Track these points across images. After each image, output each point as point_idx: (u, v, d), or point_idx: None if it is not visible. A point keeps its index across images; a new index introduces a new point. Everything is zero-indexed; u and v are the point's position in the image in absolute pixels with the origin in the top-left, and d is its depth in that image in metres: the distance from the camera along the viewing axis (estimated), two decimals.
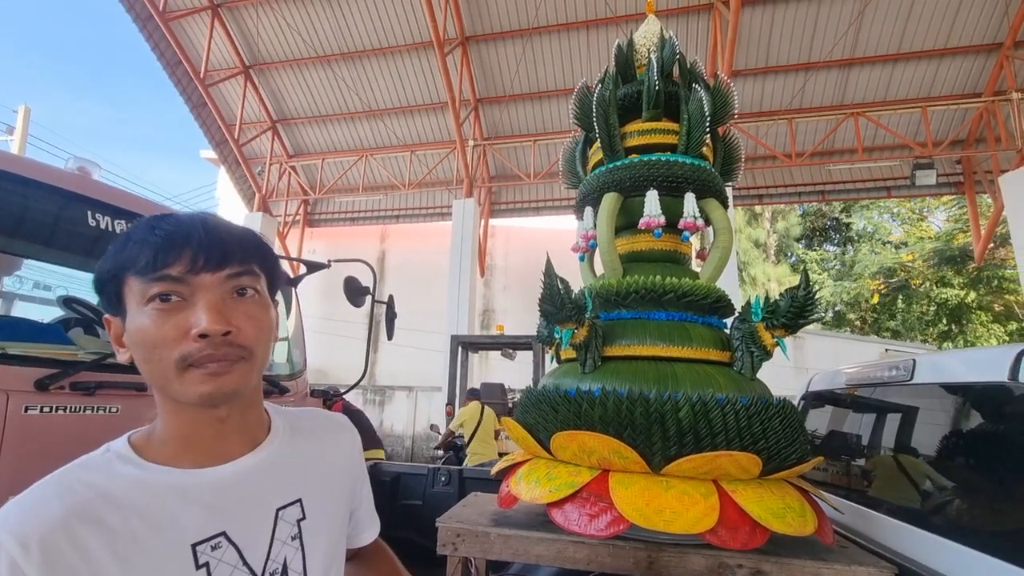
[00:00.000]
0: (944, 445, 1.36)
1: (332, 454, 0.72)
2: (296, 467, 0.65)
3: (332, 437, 0.73)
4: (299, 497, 0.63)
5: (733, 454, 1.23)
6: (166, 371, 0.55)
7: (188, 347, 0.55)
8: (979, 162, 10.72)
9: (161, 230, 0.57)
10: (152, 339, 0.55)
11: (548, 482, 1.36)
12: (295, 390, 3.41)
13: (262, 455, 0.62)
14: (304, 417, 0.73)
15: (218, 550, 0.54)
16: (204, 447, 0.59)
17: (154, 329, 0.55)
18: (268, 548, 0.58)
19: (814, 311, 1.38)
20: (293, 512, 0.62)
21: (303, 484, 0.65)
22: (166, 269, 0.56)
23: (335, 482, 0.71)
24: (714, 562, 1.33)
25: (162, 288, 0.56)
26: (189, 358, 0.55)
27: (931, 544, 1.29)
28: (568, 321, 1.42)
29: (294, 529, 0.61)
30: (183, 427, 0.59)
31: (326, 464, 0.70)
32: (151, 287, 0.56)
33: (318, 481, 0.67)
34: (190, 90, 11.61)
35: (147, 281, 0.56)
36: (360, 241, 13.87)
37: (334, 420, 0.77)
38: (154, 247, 0.56)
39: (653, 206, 1.60)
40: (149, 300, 0.55)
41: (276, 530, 0.60)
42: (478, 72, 10.90)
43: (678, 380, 1.38)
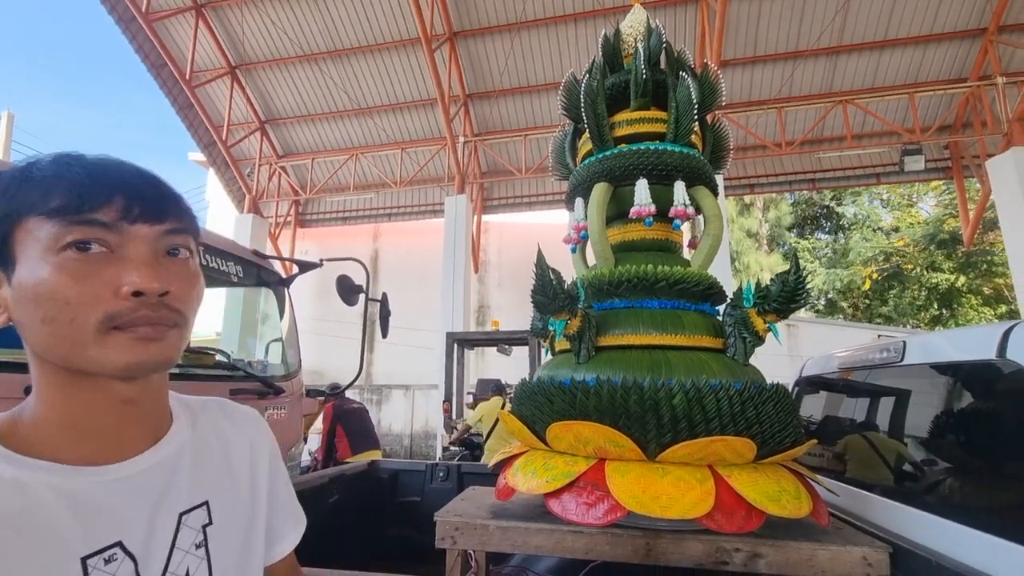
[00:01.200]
0: (935, 424, 1.37)
1: (242, 450, 0.63)
2: (202, 465, 0.57)
3: (242, 431, 0.64)
4: (205, 499, 0.55)
5: (727, 439, 1.24)
6: (79, 334, 0.45)
7: (117, 305, 0.46)
8: (966, 147, 10.81)
9: (81, 167, 0.48)
10: (64, 294, 0.44)
11: (545, 472, 1.37)
12: (290, 391, 3.40)
13: (165, 451, 0.53)
14: (209, 408, 0.63)
15: (112, 563, 0.46)
16: (99, 438, 0.49)
17: (69, 282, 0.45)
18: (167, 558, 0.50)
19: (805, 296, 1.38)
20: (198, 516, 0.54)
21: (210, 485, 0.57)
22: (92, 212, 0.46)
23: (246, 482, 0.62)
24: (711, 547, 1.34)
25: (84, 234, 0.46)
26: (117, 318, 0.46)
27: (924, 522, 1.30)
28: (561, 312, 1.42)
29: (199, 536, 0.53)
30: (75, 412, 0.48)
31: (234, 461, 0.61)
32: (68, 232, 0.45)
33: (227, 481, 0.59)
34: (176, 92, 11.49)
35: (62, 224, 0.45)
36: (352, 240, 13.81)
37: (243, 412, 0.67)
38: (75, 185, 0.46)
39: (643, 195, 1.60)
40: (63, 248, 0.45)
41: (177, 537, 0.51)
42: (467, 67, 10.85)
43: (671, 367, 1.38)
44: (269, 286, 3.71)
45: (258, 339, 3.88)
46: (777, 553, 1.32)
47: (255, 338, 3.93)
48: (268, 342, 3.72)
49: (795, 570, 1.32)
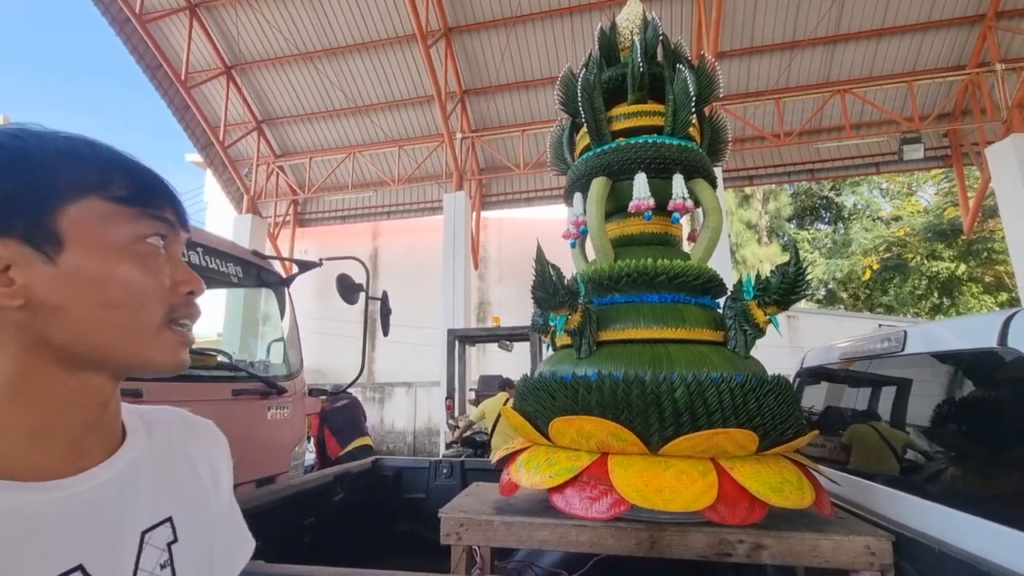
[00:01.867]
0: (937, 413, 1.37)
1: (202, 464, 0.59)
2: (162, 479, 0.53)
3: (201, 444, 0.60)
4: (169, 515, 0.51)
5: (730, 431, 1.24)
6: (145, 324, 0.45)
7: (176, 300, 0.48)
8: (965, 134, 10.77)
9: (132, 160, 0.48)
10: (139, 283, 0.45)
11: (548, 468, 1.37)
12: (293, 390, 3.41)
13: (121, 462, 0.49)
14: (164, 419, 0.59)
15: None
16: (62, 446, 0.45)
17: (144, 272, 0.45)
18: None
19: (805, 287, 1.38)
20: (162, 534, 0.50)
21: (173, 500, 0.53)
22: (163, 210, 0.48)
23: (207, 496, 0.58)
24: (715, 539, 1.34)
25: (157, 229, 0.47)
26: (174, 312, 0.47)
27: (927, 511, 1.31)
28: (561, 307, 1.42)
29: (163, 555, 0.49)
30: (43, 414, 0.44)
31: (195, 475, 0.57)
32: (144, 224, 0.46)
33: (190, 496, 0.55)
34: (172, 93, 11.45)
35: (137, 214, 0.46)
36: (352, 239, 13.80)
37: (199, 423, 0.63)
38: (141, 176, 0.47)
39: (642, 189, 1.60)
40: (136, 239, 0.46)
41: (141, 558, 0.47)
42: (463, 63, 10.81)
43: (673, 361, 1.38)
44: (269, 286, 3.71)
45: (259, 339, 3.88)
46: (780, 544, 1.33)
47: (256, 338, 3.94)
48: (269, 342, 3.72)
49: (798, 560, 1.33)
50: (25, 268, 0.42)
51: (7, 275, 0.42)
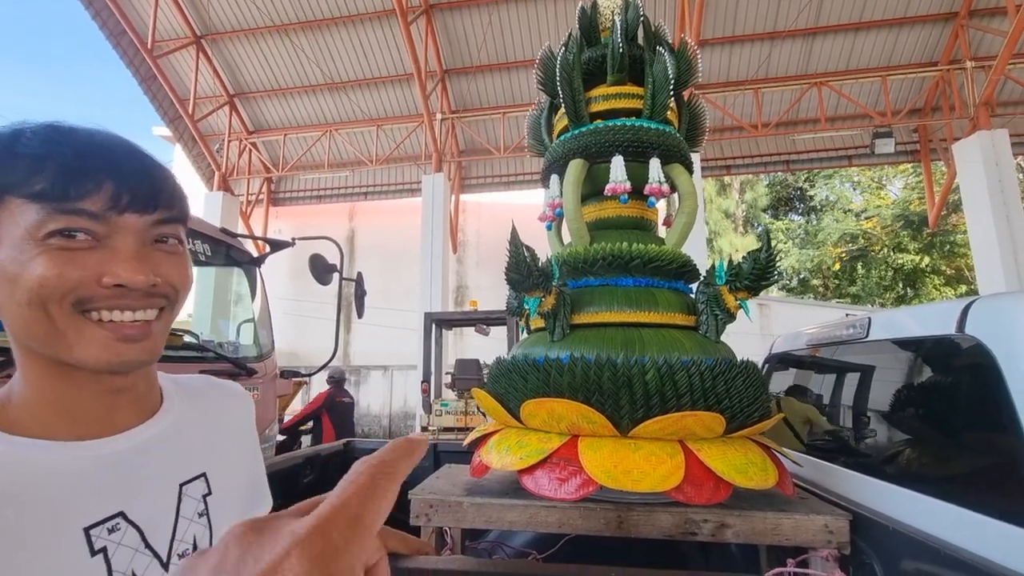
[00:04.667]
0: (897, 398, 1.42)
1: (230, 423, 0.65)
2: (196, 438, 0.58)
3: (228, 405, 0.66)
4: (203, 471, 0.57)
5: (698, 414, 1.26)
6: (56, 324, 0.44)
7: (93, 292, 0.45)
8: (934, 130, 11.08)
9: (69, 146, 0.45)
10: (44, 281, 0.43)
11: (519, 450, 1.37)
12: (263, 372, 3.34)
13: (159, 426, 0.54)
14: (195, 384, 0.65)
15: (116, 532, 0.46)
16: (91, 418, 0.49)
17: (50, 269, 0.43)
18: (173, 527, 0.51)
19: (775, 273, 1.40)
20: (198, 487, 0.56)
21: (205, 457, 0.58)
22: (79, 201, 0.44)
23: (237, 453, 0.64)
24: (681, 518, 1.37)
25: (68, 223, 0.44)
26: (88, 302, 0.45)
27: (883, 491, 1.35)
28: (535, 289, 1.41)
29: (200, 505, 0.55)
30: (65, 398, 0.48)
31: (226, 434, 0.63)
32: (52, 219, 0.44)
33: (220, 453, 0.61)
34: (137, 62, 10.94)
35: (47, 211, 0.43)
36: (328, 219, 13.54)
37: (227, 387, 0.69)
38: (62, 168, 0.44)
39: (619, 172, 1.59)
40: (47, 236, 0.44)
41: (181, 507, 0.53)
42: (444, 42, 10.59)
43: (645, 345, 1.39)
44: (240, 265, 3.61)
45: (231, 320, 3.79)
46: (744, 523, 1.36)
47: (228, 319, 3.84)
48: (240, 323, 3.63)
49: (760, 539, 1.37)
50: None
51: None
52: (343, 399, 6.47)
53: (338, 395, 6.42)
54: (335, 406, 6.24)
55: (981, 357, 1.07)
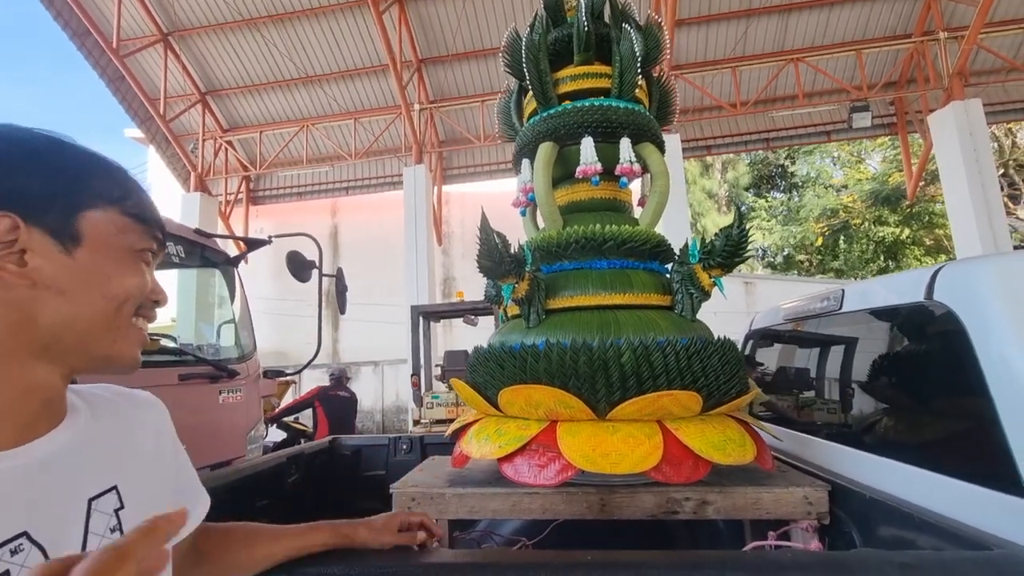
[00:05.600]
0: (872, 368, 1.42)
1: (143, 434, 0.63)
2: (106, 449, 0.57)
3: (138, 414, 0.65)
4: (114, 484, 0.55)
5: (674, 393, 1.25)
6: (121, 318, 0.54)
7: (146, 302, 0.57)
8: (910, 102, 11.18)
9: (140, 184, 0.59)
10: (131, 286, 0.55)
11: (498, 438, 1.36)
12: (245, 373, 3.30)
13: (66, 435, 0.53)
14: (104, 393, 0.63)
15: (19, 554, 0.44)
16: (9, 428, 0.48)
17: (137, 278, 0.55)
18: (82, 545, 0.49)
19: (748, 248, 1.39)
20: (109, 501, 0.54)
21: (117, 469, 0.56)
22: (157, 230, 0.59)
23: (153, 463, 0.63)
24: (663, 498, 1.37)
25: (151, 246, 0.58)
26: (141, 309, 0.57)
27: (860, 461, 1.37)
28: (508, 275, 1.39)
29: (112, 520, 0.53)
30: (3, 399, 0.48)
31: (138, 445, 0.62)
32: (146, 239, 0.57)
33: (133, 465, 0.59)
34: (104, 63, 10.64)
35: (142, 230, 0.57)
36: (310, 217, 13.36)
37: (136, 396, 0.67)
38: (146, 199, 0.58)
39: (589, 153, 1.57)
40: (140, 250, 0.57)
41: (90, 523, 0.51)
42: (418, 30, 10.42)
43: (620, 327, 1.38)
44: (217, 266, 3.54)
45: (210, 322, 3.73)
46: (724, 499, 1.37)
47: (207, 321, 3.77)
48: (220, 324, 3.57)
49: (742, 513, 1.38)
50: (41, 256, 0.50)
51: (23, 257, 0.49)
52: (339, 393, 6.46)
53: (333, 389, 6.41)
54: (329, 399, 6.24)
55: (950, 323, 1.07)
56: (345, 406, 6.51)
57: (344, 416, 6.40)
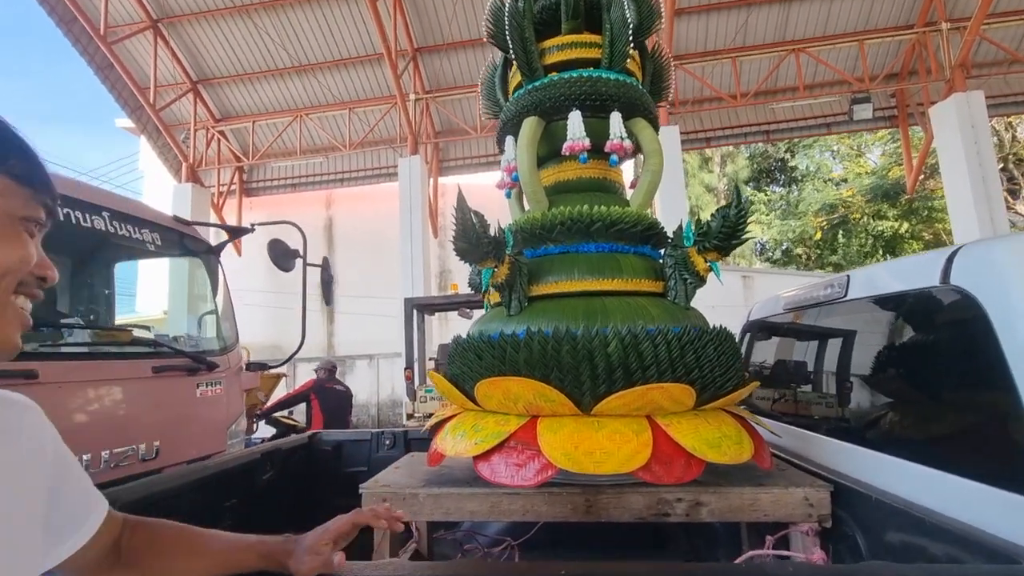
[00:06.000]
0: (879, 359, 1.32)
1: (16, 438, 0.55)
2: None
3: (10, 417, 0.57)
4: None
5: (664, 386, 1.15)
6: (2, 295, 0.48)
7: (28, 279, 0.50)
8: (911, 95, 11.04)
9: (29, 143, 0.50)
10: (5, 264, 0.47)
11: (474, 434, 1.26)
12: (226, 365, 3.19)
13: None
14: None
15: None
16: None
17: (16, 253, 0.48)
18: None
19: (746, 230, 1.28)
20: None
21: None
22: (45, 195, 0.51)
23: (21, 469, 0.55)
24: (652, 499, 1.27)
25: (37, 213, 0.50)
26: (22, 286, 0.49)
27: (866, 459, 1.27)
28: (486, 259, 1.28)
29: None
30: None
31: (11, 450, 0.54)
32: (31, 206, 0.49)
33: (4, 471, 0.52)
34: (92, 50, 10.43)
35: (29, 195, 0.49)
36: (305, 208, 13.19)
37: (9, 398, 0.59)
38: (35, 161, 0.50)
39: (576, 128, 1.46)
40: (24, 218, 0.49)
41: None
42: (413, 18, 10.23)
43: (608, 314, 1.27)
44: (198, 255, 3.42)
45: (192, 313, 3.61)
46: (719, 500, 1.27)
47: (192, 313, 3.66)
48: (201, 315, 3.46)
49: (738, 516, 1.28)
50: None
51: None
52: (334, 386, 6.36)
53: (328, 382, 6.31)
54: (325, 392, 6.13)
55: (968, 309, 0.97)
56: (341, 400, 6.41)
57: (339, 410, 6.29)
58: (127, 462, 2.39)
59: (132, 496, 1.38)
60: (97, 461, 2.24)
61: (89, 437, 2.23)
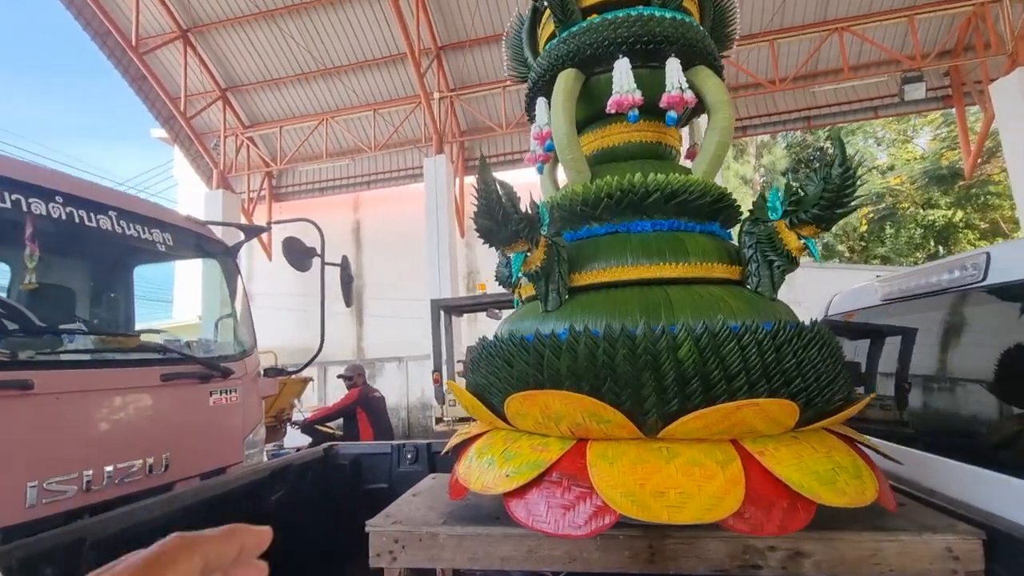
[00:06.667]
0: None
1: None
2: None
3: None
4: None
5: (760, 403, 0.86)
6: None
7: None
8: (968, 72, 10.25)
9: None
10: None
11: (504, 462, 0.99)
12: (242, 371, 3.01)
13: None
14: None
15: None
16: None
17: None
18: None
19: (855, 194, 0.98)
20: None
21: None
22: None
23: None
24: (737, 547, 0.98)
25: None
26: None
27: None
28: (516, 241, 1.02)
29: None
30: None
31: None
32: None
33: None
34: (126, 62, 10.68)
35: None
36: (332, 212, 13.23)
37: None
38: None
39: (625, 79, 1.18)
40: None
41: None
42: (436, 16, 10.07)
43: (674, 308, 0.99)
44: (214, 256, 3.28)
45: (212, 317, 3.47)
46: (827, 549, 0.97)
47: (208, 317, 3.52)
48: (216, 319, 3.31)
49: (853, 570, 0.97)
50: None
51: None
52: (375, 394, 6.19)
53: (369, 391, 6.13)
54: (370, 402, 5.94)
55: None
56: (382, 407, 6.22)
57: (383, 418, 6.08)
58: (134, 477, 2.23)
59: (103, 532, 1.17)
60: (100, 477, 2.08)
61: (90, 451, 2.07)
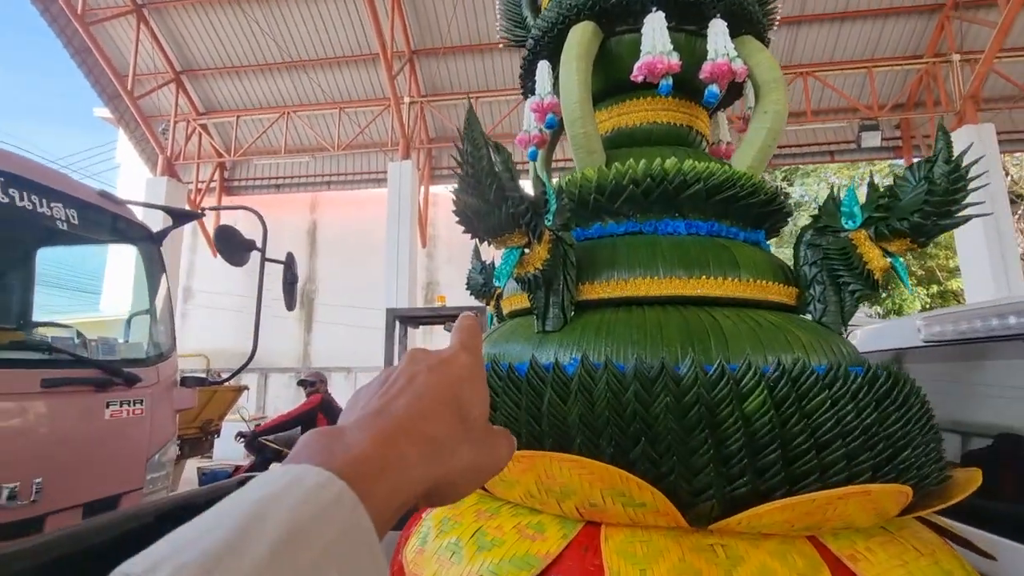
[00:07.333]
0: None
1: None
2: None
3: None
4: None
5: (872, 489, 0.58)
6: None
7: None
8: (918, 125, 10.85)
9: None
10: None
11: (477, 553, 0.66)
12: (154, 379, 2.54)
13: None
14: None
15: None
16: None
17: None
18: None
19: (964, 200, 0.74)
20: None
21: None
22: None
23: None
24: None
25: None
26: None
27: None
28: (513, 230, 0.71)
29: None
30: None
31: None
32: None
33: None
34: (70, 32, 9.81)
35: None
36: (288, 210, 12.57)
37: None
38: None
39: (658, 38, 0.91)
40: None
41: None
42: (412, 19, 9.80)
43: (727, 340, 0.70)
44: (133, 242, 2.81)
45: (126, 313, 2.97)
46: None
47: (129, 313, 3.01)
48: (130, 315, 2.83)
49: None
50: None
51: None
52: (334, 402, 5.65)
53: (332, 400, 5.60)
54: (332, 409, 5.39)
55: None
56: None
57: None
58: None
59: None
60: None
61: None
